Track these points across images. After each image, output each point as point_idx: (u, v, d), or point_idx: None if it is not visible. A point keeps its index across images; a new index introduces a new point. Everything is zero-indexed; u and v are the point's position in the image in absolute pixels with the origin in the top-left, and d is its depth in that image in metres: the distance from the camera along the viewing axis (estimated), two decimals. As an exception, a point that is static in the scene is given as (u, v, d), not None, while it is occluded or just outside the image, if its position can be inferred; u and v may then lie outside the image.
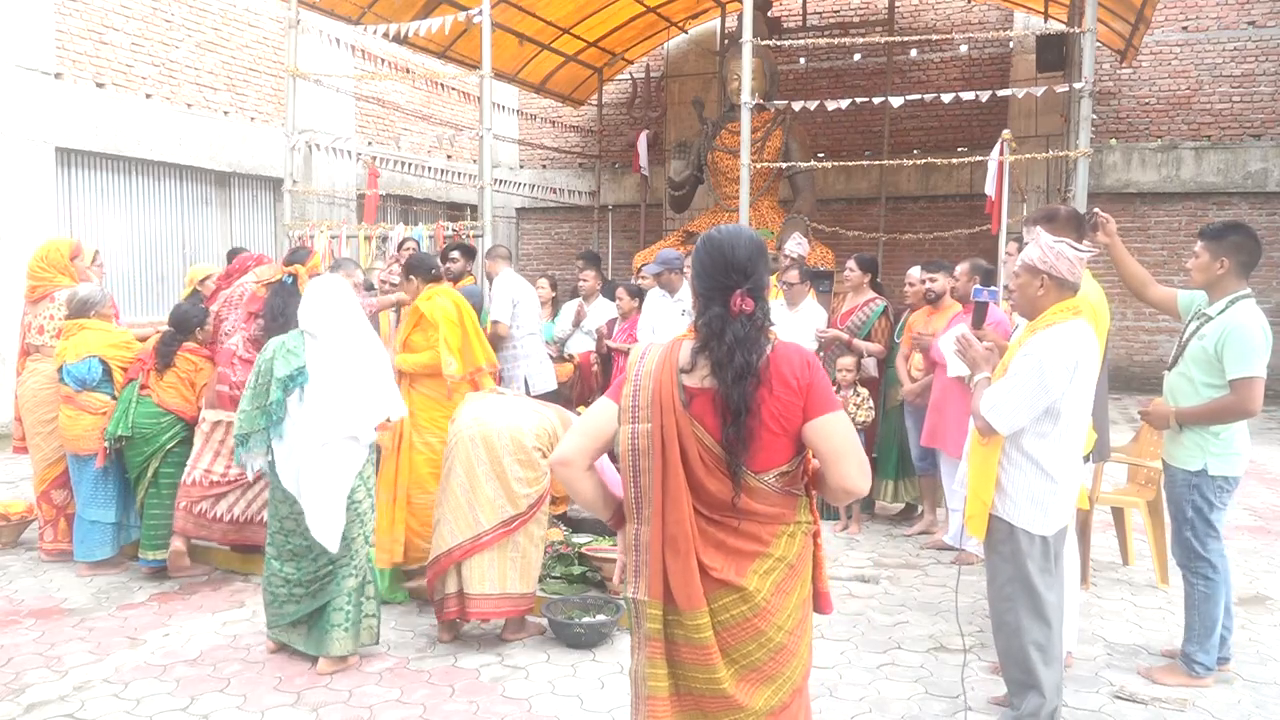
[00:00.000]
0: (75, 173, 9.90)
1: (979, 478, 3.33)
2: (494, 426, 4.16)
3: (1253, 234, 3.81)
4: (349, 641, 3.96)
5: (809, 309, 6.51)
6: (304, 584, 3.96)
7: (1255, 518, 6.62)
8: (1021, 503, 3.23)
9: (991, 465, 3.27)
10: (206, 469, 4.90)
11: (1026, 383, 3.13)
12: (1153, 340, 12.99)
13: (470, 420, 4.22)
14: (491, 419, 4.19)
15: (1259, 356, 3.62)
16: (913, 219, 13.71)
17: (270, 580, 4.02)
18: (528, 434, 4.16)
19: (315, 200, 12.02)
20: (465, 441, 4.15)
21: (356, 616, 3.98)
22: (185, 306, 5.46)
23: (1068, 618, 3.65)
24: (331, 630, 3.93)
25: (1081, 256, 3.26)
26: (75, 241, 5.81)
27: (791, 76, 14.15)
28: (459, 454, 4.16)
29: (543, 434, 4.19)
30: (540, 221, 16.99)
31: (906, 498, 6.32)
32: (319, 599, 3.95)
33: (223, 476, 4.89)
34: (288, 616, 3.99)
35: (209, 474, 4.89)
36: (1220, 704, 3.69)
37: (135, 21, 10.31)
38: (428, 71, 12.12)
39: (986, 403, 3.19)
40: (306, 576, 3.95)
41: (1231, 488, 3.78)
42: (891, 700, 3.74)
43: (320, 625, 3.95)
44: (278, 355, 3.95)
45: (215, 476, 4.90)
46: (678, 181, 11.80)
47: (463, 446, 4.16)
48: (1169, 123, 12.96)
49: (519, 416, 4.23)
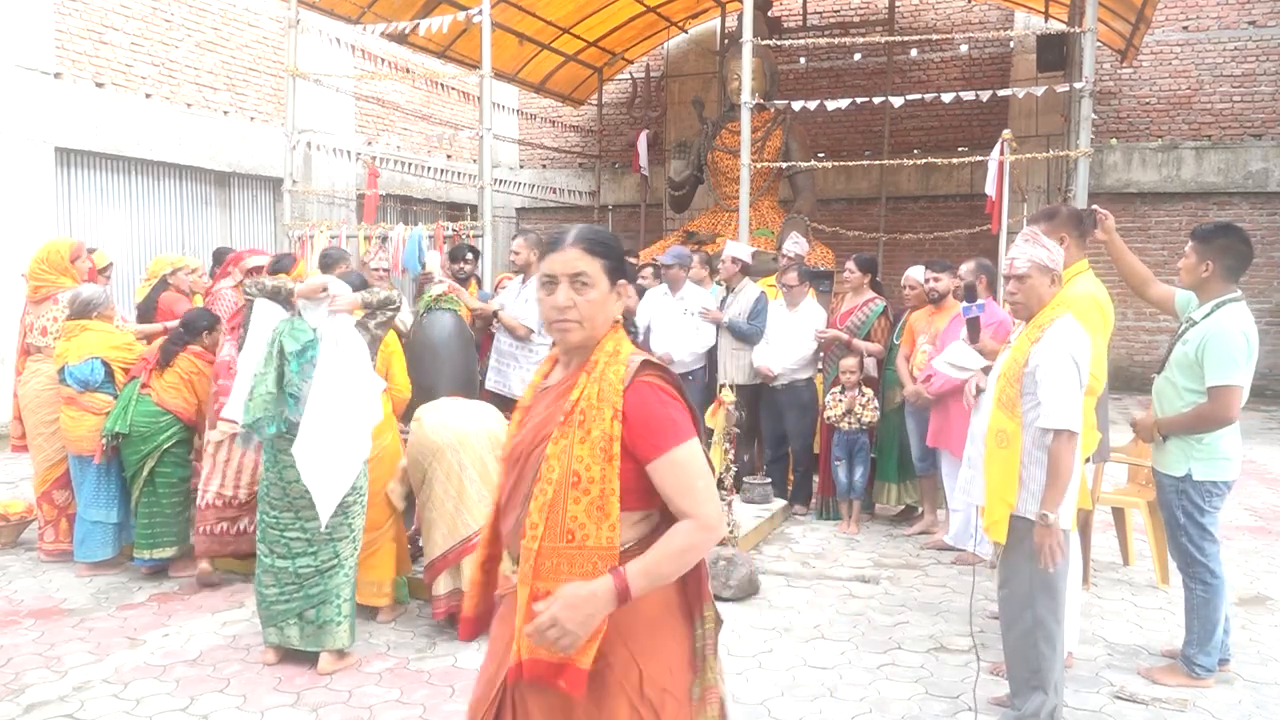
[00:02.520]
0: (75, 172, 9.89)
1: (1002, 480, 3.33)
2: (468, 429, 4.25)
3: (1243, 237, 3.78)
4: (346, 635, 3.96)
5: (808, 309, 6.51)
6: (298, 580, 3.94)
7: (1255, 518, 6.62)
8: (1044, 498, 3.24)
9: (1013, 466, 3.29)
10: (219, 490, 4.89)
11: (1068, 377, 3.21)
12: (1153, 340, 12.98)
13: (438, 426, 4.26)
14: (461, 423, 4.28)
15: (1238, 364, 3.60)
16: (913, 219, 13.70)
17: (261, 580, 4.01)
18: (500, 430, 4.27)
19: (315, 200, 12.01)
20: (444, 449, 4.20)
21: (350, 610, 3.99)
22: (198, 312, 5.46)
23: (1069, 618, 3.65)
24: (327, 625, 3.93)
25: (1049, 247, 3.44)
26: (76, 243, 5.81)
27: (791, 76, 14.14)
28: (440, 463, 4.21)
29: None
30: (540, 221, 16.98)
31: (907, 499, 6.32)
32: (313, 596, 3.94)
33: (234, 498, 4.90)
34: (281, 615, 3.97)
35: (221, 495, 4.89)
36: (1220, 704, 3.69)
37: (135, 21, 10.31)
38: (428, 71, 12.12)
39: (1056, 419, 3.18)
40: (304, 569, 3.93)
41: (1222, 492, 3.76)
42: (892, 700, 3.74)
43: (315, 621, 3.95)
44: (284, 334, 3.95)
45: (228, 497, 4.90)
46: (678, 181, 11.79)
47: (442, 454, 4.20)
48: (1169, 123, 12.96)
49: (484, 417, 4.39)
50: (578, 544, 1.80)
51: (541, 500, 1.81)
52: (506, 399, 5.94)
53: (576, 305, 1.87)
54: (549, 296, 1.89)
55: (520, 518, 1.88)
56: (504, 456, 2.03)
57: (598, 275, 1.89)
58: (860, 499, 6.21)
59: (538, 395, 2.02)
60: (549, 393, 1.98)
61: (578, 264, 1.88)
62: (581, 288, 1.88)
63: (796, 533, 6.15)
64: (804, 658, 4.14)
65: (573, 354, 1.94)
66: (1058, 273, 3.40)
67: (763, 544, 5.84)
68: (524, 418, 2.01)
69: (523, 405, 2.05)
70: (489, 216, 9.02)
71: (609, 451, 1.80)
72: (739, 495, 5.97)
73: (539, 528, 1.81)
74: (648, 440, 1.82)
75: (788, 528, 6.25)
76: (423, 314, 5.71)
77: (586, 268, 1.88)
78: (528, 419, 1.98)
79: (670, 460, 1.82)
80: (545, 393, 2.00)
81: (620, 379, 1.84)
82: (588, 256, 1.89)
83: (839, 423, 6.09)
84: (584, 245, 1.90)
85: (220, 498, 4.87)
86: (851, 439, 6.08)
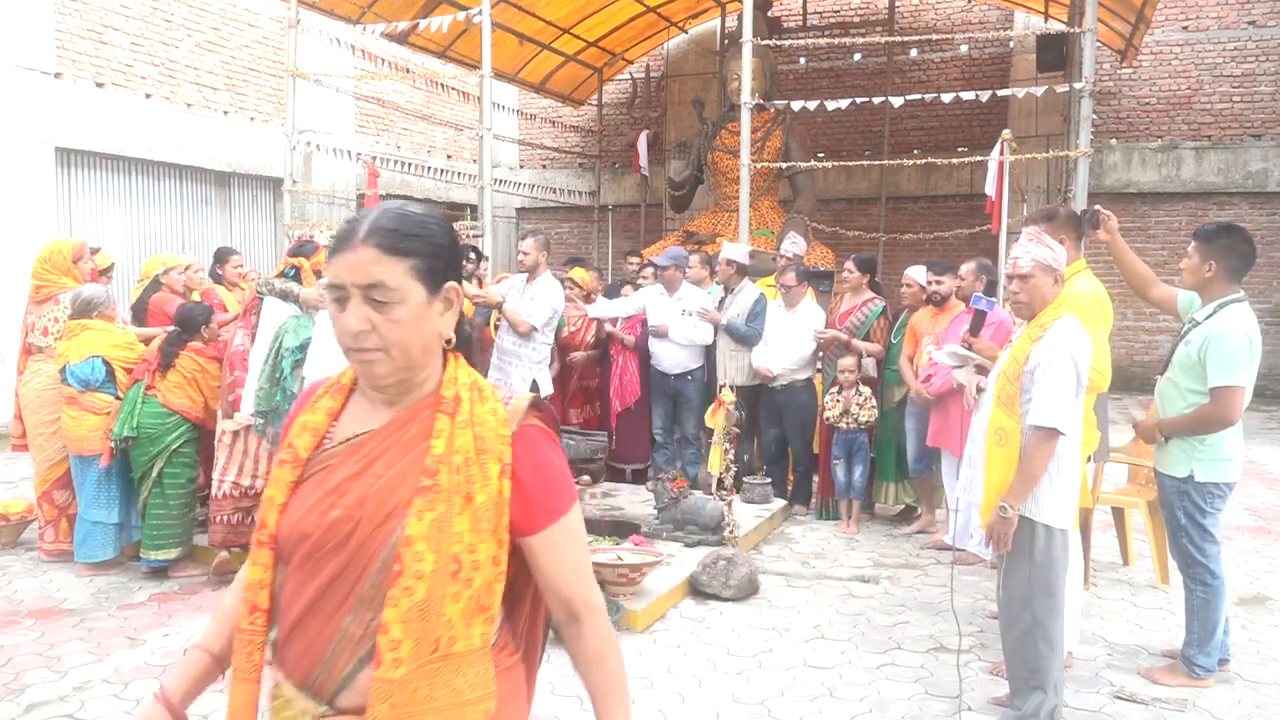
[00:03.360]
0: (75, 172, 9.89)
1: (1000, 478, 3.34)
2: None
3: (1246, 237, 3.77)
4: None
5: (807, 310, 6.51)
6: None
7: (1255, 518, 6.62)
8: (1044, 498, 3.26)
9: (1012, 464, 3.30)
10: (235, 480, 4.95)
11: (1064, 377, 3.21)
12: (1153, 340, 12.98)
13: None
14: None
15: (1240, 365, 3.60)
16: (913, 219, 13.71)
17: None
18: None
19: (315, 200, 12.01)
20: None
21: None
22: (190, 305, 5.46)
23: (1069, 618, 3.65)
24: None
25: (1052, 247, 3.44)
26: (79, 243, 5.81)
27: (791, 76, 14.14)
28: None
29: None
30: (540, 221, 16.98)
31: (906, 499, 6.33)
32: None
33: (250, 488, 4.94)
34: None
35: (238, 484, 4.95)
36: (1220, 704, 3.69)
37: (135, 21, 10.31)
38: (428, 71, 12.12)
39: (1045, 417, 3.20)
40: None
41: (1223, 493, 3.76)
42: (891, 700, 3.74)
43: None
44: (288, 329, 3.96)
45: (244, 486, 4.95)
46: (678, 181, 11.80)
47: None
48: (1169, 123, 12.96)
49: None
50: (442, 653, 1.31)
51: (408, 604, 1.28)
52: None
53: (376, 328, 1.33)
54: (340, 314, 1.35)
55: (349, 633, 1.33)
56: (281, 536, 1.39)
57: (404, 284, 1.33)
58: (860, 499, 6.21)
59: (345, 448, 1.41)
60: (368, 443, 1.39)
61: (373, 271, 1.32)
62: (380, 305, 1.33)
63: (796, 533, 6.15)
64: (804, 658, 4.14)
65: (388, 391, 1.40)
66: (1061, 272, 3.41)
67: (762, 544, 5.85)
68: (314, 476, 1.40)
69: (291, 458, 1.42)
70: (489, 216, 9.04)
71: (497, 522, 1.35)
72: (739, 495, 5.97)
73: (402, 645, 1.28)
74: (541, 504, 1.38)
75: (787, 528, 6.26)
76: None
77: (385, 275, 1.32)
78: (328, 479, 1.38)
79: (563, 530, 1.40)
80: (358, 444, 1.40)
81: (502, 422, 1.38)
82: (387, 258, 1.33)
83: (838, 423, 6.09)
84: (381, 242, 1.33)
85: (237, 487, 4.93)
86: (851, 438, 6.09)
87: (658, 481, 5.62)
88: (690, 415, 6.63)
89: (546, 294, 6.03)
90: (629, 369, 6.90)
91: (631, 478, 6.99)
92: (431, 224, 1.39)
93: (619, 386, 6.89)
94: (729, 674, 3.96)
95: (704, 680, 3.90)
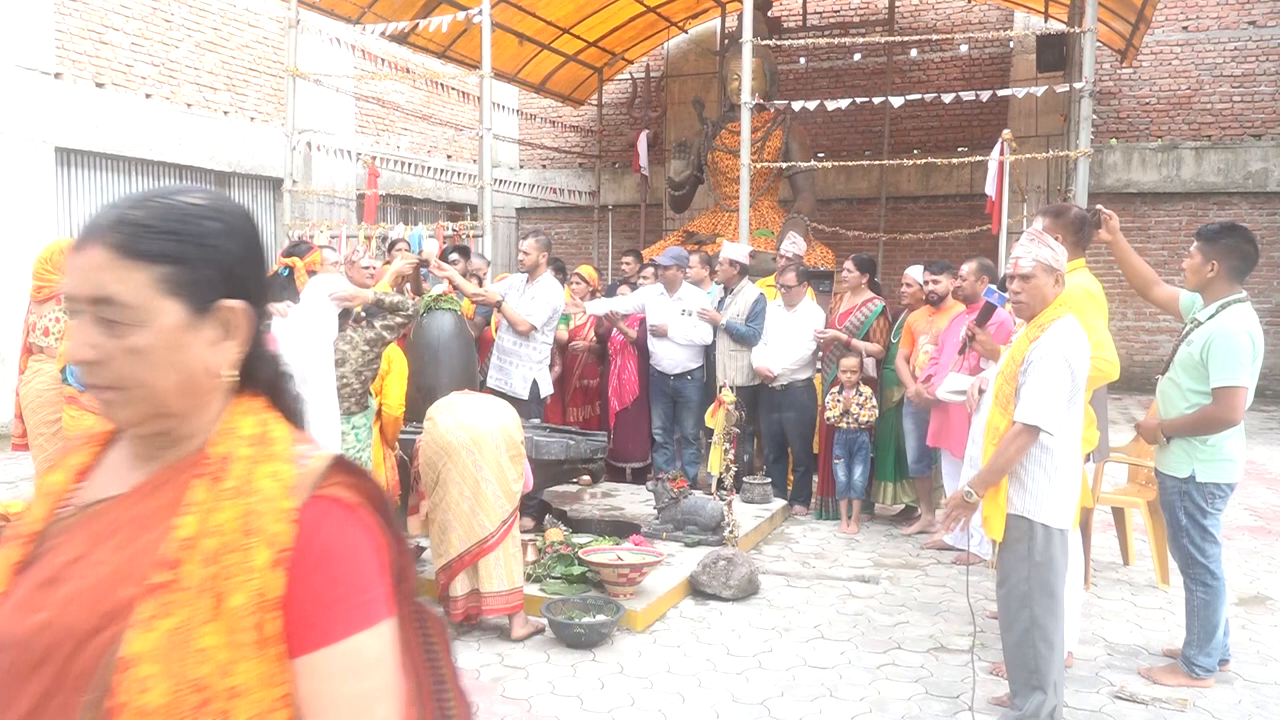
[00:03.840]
0: (75, 173, 9.89)
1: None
2: (484, 428, 4.20)
3: (1249, 238, 3.77)
4: None
5: (807, 310, 6.51)
6: None
7: (1255, 518, 6.62)
8: (1042, 497, 3.26)
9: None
10: None
11: (1058, 378, 3.19)
12: (1153, 340, 12.99)
13: (453, 426, 4.20)
14: (477, 420, 4.23)
15: (1242, 365, 3.59)
16: (913, 219, 13.71)
17: None
18: (513, 428, 4.27)
19: (315, 200, 12.02)
20: (459, 450, 4.15)
21: None
22: None
23: (1069, 618, 3.65)
24: None
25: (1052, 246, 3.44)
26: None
27: (791, 76, 14.15)
28: (455, 464, 4.16)
29: (519, 426, 4.36)
30: (540, 221, 16.98)
31: (905, 499, 6.33)
32: None
33: None
34: None
35: None
36: (1220, 704, 3.69)
37: (135, 21, 10.31)
38: (428, 71, 12.12)
39: (1028, 413, 3.20)
40: None
41: (1225, 494, 3.76)
42: (891, 700, 3.74)
43: None
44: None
45: None
46: (678, 181, 11.80)
47: (457, 455, 4.16)
48: (1169, 123, 12.96)
49: (500, 413, 4.34)
50: None
51: None
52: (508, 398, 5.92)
53: (108, 360, 0.97)
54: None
55: None
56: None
57: (146, 300, 0.97)
58: (860, 498, 6.22)
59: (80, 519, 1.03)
60: (109, 512, 1.01)
61: (101, 280, 0.96)
62: (113, 326, 0.97)
63: (796, 532, 6.15)
64: (804, 658, 4.14)
65: (142, 443, 1.05)
66: (1062, 273, 3.39)
67: (762, 544, 5.85)
68: (43, 557, 1.01)
69: (17, 531, 1.07)
70: (489, 216, 9.04)
71: (264, 632, 0.92)
72: (739, 495, 5.97)
73: None
74: (313, 613, 0.94)
75: (787, 528, 6.26)
76: (423, 314, 5.71)
77: (118, 288, 0.96)
78: (51, 562, 1.00)
79: (342, 659, 0.94)
80: (96, 514, 1.02)
81: (286, 489, 0.97)
82: (123, 264, 0.96)
83: (838, 422, 6.09)
84: (117, 242, 0.97)
85: None
86: (851, 438, 6.09)
87: (658, 481, 5.62)
88: (690, 415, 6.64)
89: (546, 293, 6.03)
90: (628, 368, 6.90)
91: (631, 477, 6.99)
92: (205, 219, 1.00)
93: (617, 386, 6.90)
94: (729, 674, 3.96)
95: (704, 680, 3.90)
